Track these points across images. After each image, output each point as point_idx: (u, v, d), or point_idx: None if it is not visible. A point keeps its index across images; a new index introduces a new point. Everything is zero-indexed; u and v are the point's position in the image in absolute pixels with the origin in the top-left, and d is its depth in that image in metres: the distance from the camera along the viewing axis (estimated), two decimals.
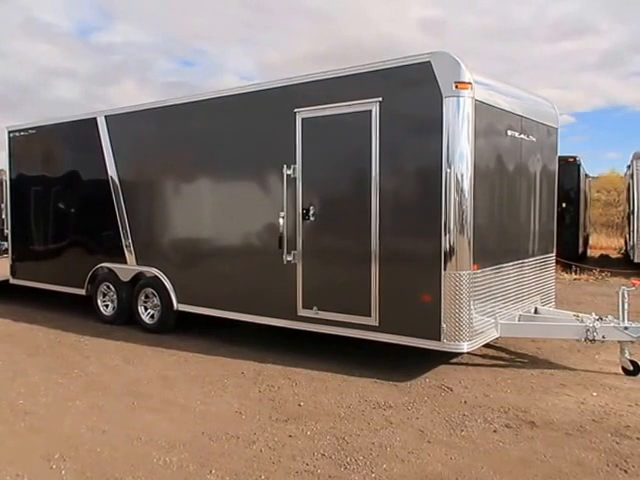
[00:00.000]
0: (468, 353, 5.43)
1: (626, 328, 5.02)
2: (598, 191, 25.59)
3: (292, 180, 5.58)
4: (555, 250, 6.78)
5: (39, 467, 3.48)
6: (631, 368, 5.11)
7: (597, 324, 5.07)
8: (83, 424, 4.10)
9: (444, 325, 4.81)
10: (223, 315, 6.25)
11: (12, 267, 8.83)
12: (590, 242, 18.43)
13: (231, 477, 3.34)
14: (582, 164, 13.42)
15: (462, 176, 4.79)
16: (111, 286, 7.37)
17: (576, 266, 12.15)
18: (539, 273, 6.32)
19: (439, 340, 4.85)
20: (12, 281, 8.86)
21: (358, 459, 3.54)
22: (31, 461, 3.55)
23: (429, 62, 4.75)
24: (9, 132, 8.66)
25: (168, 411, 4.36)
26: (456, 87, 4.69)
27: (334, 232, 5.44)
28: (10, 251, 8.86)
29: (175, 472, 3.40)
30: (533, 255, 6.16)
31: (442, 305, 4.81)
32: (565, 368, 5.38)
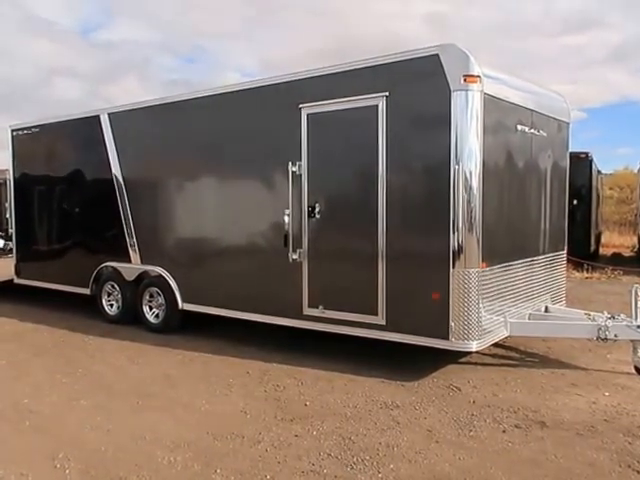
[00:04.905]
0: (477, 352, 5.34)
1: (639, 327, 4.92)
2: (611, 188, 25.30)
3: (297, 177, 5.52)
4: (566, 248, 6.68)
5: (43, 466, 3.46)
6: None
7: (609, 323, 4.98)
8: (87, 423, 4.09)
9: (452, 324, 4.74)
10: (228, 314, 6.21)
11: (16, 267, 8.85)
12: (602, 240, 18.21)
13: (236, 477, 3.31)
14: (594, 160, 13.25)
15: (471, 173, 4.71)
16: (115, 285, 7.36)
17: (588, 264, 12.00)
18: (549, 271, 6.22)
19: (447, 339, 4.78)
20: (17, 281, 8.88)
21: (365, 459, 3.49)
22: (35, 460, 3.54)
23: (437, 55, 4.67)
24: (12, 131, 8.67)
25: (173, 410, 4.34)
26: (464, 81, 4.61)
27: (340, 230, 5.37)
28: (14, 251, 8.89)
29: (180, 471, 3.38)
30: (543, 253, 6.07)
31: (450, 303, 4.74)
32: (576, 367, 5.30)
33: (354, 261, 5.27)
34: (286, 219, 5.58)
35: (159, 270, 6.82)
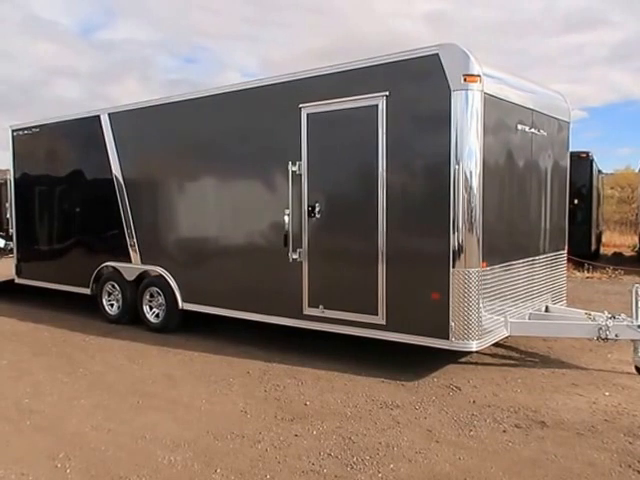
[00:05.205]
0: (477, 352, 5.34)
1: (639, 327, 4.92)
2: (612, 188, 25.30)
3: (297, 177, 5.52)
4: (566, 247, 6.68)
5: (44, 466, 3.46)
6: None
7: (610, 322, 4.98)
8: (88, 423, 4.09)
9: (453, 323, 4.74)
10: (228, 314, 6.21)
11: (17, 267, 8.86)
12: (603, 240, 18.19)
13: (236, 476, 3.30)
14: (595, 160, 13.24)
15: (471, 173, 4.71)
16: (116, 285, 7.36)
17: (588, 264, 11.99)
18: (550, 271, 6.22)
19: (447, 339, 4.78)
20: (17, 281, 8.89)
21: (365, 459, 3.49)
22: (36, 460, 3.54)
23: (437, 54, 4.67)
24: (12, 131, 8.68)
25: (173, 410, 4.33)
26: (465, 80, 4.60)
27: (340, 229, 5.37)
28: (15, 250, 8.89)
29: (180, 471, 3.38)
30: (544, 252, 6.06)
31: (450, 303, 4.74)
32: (577, 367, 5.29)
33: (354, 261, 5.27)
34: (286, 219, 5.58)
35: (159, 270, 6.82)
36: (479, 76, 4.66)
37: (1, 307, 8.53)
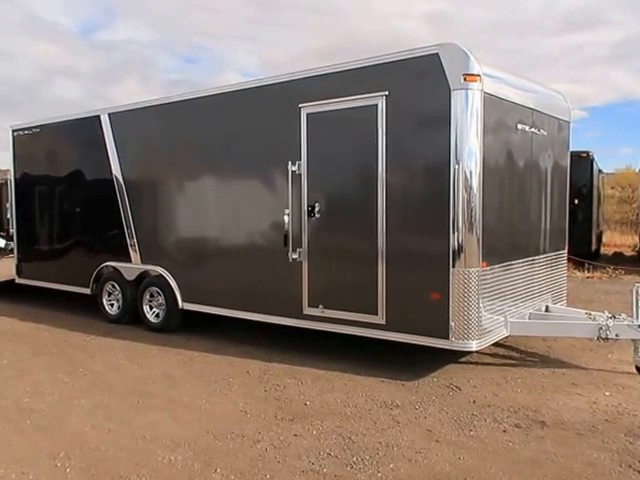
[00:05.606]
0: (477, 352, 5.34)
1: None
2: (612, 187, 25.29)
3: (297, 177, 5.52)
4: (567, 247, 6.67)
5: (44, 465, 3.47)
6: None
7: (610, 322, 4.98)
8: (88, 423, 4.09)
9: (452, 323, 4.74)
10: (228, 314, 6.22)
11: (18, 266, 8.87)
12: (604, 239, 18.19)
13: (236, 476, 3.30)
14: (595, 160, 13.23)
15: (471, 172, 4.71)
16: (116, 285, 7.37)
17: (589, 264, 11.98)
18: (550, 271, 6.21)
19: (447, 339, 4.78)
20: (18, 280, 8.90)
21: (364, 458, 3.49)
22: (36, 459, 3.55)
23: (437, 54, 4.67)
24: (13, 131, 8.69)
25: (173, 410, 4.34)
26: (465, 80, 4.60)
27: (340, 229, 5.37)
28: (15, 250, 8.91)
29: (180, 471, 3.38)
30: (544, 252, 6.06)
31: (450, 303, 4.73)
32: (577, 367, 5.29)
33: (354, 260, 5.27)
34: (286, 219, 5.58)
35: (159, 270, 6.82)
36: (479, 75, 4.66)
37: (2, 307, 8.53)
